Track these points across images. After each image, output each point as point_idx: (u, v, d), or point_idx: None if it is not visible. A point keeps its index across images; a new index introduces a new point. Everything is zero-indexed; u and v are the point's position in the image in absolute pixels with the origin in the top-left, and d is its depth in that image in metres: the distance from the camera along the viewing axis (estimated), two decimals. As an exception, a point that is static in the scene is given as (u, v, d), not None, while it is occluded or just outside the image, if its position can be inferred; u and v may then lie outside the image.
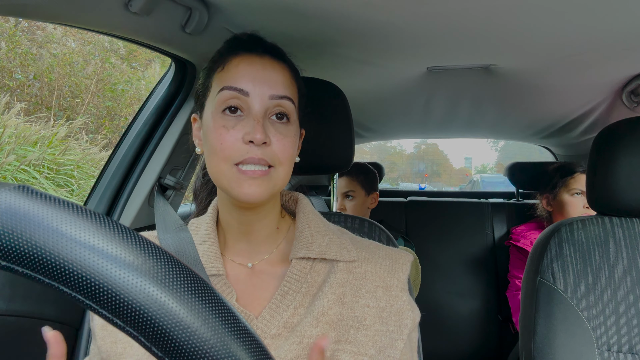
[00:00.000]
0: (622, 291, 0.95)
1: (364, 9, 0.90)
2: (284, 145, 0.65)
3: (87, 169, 4.15)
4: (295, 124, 0.69)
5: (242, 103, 0.64)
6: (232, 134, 0.63)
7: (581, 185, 1.67)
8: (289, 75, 0.69)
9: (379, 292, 0.67)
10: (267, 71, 0.66)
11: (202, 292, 0.26)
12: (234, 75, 0.65)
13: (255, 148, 0.62)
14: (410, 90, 1.55)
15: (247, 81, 0.64)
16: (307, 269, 0.69)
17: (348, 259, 0.69)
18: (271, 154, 0.63)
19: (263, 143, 0.62)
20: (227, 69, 0.67)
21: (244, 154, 0.62)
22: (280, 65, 0.68)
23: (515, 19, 0.93)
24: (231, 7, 0.93)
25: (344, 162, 0.97)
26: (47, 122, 4.58)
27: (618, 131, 1.01)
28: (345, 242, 0.72)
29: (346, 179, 1.76)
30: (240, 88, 0.64)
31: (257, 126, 0.62)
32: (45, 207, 0.25)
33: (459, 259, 2.18)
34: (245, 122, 0.64)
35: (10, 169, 3.37)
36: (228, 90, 0.64)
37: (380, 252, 0.73)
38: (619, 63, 1.20)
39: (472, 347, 2.12)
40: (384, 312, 0.66)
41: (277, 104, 0.65)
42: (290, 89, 0.68)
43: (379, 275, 0.69)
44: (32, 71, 5.44)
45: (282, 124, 0.66)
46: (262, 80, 0.65)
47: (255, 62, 0.66)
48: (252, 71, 0.65)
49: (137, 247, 0.26)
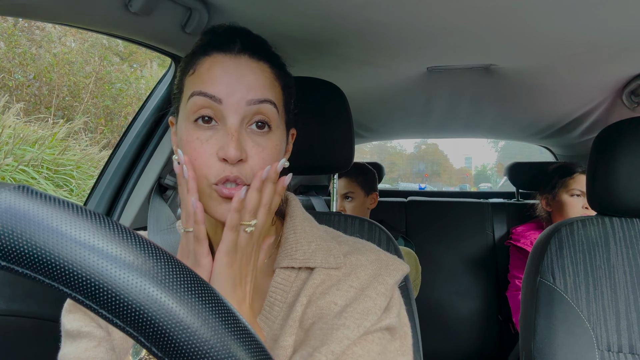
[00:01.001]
0: (623, 291, 0.95)
1: (364, 9, 0.90)
2: (262, 160, 0.58)
3: (86, 168, 4.15)
4: (279, 130, 0.62)
5: (216, 112, 0.58)
6: (206, 148, 0.57)
7: (581, 185, 1.67)
8: (271, 74, 0.62)
9: (351, 292, 0.62)
10: (244, 74, 0.59)
11: (202, 292, 0.26)
12: (205, 79, 0.59)
13: (230, 166, 0.56)
14: (410, 90, 1.55)
15: (221, 86, 0.58)
16: (292, 278, 0.64)
17: (334, 266, 0.65)
18: (247, 171, 0.57)
19: (239, 160, 0.56)
20: (199, 72, 0.60)
21: (219, 173, 0.56)
22: (259, 65, 0.61)
23: (515, 19, 0.93)
24: (231, 7, 0.93)
25: (344, 162, 0.97)
26: (46, 122, 4.58)
27: (618, 131, 1.01)
28: (332, 249, 0.67)
29: (345, 180, 1.76)
30: (212, 94, 0.57)
31: (231, 141, 0.56)
32: (45, 207, 0.25)
33: (459, 259, 2.18)
34: (220, 135, 0.57)
35: (8, 169, 3.37)
36: (199, 97, 0.58)
37: (369, 256, 0.68)
38: (619, 63, 1.20)
39: (472, 347, 2.12)
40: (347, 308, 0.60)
41: (256, 110, 0.58)
42: (272, 90, 0.61)
43: (358, 276, 0.64)
44: (32, 71, 5.44)
45: (262, 134, 0.59)
46: (237, 85, 0.58)
47: (229, 65, 0.59)
48: (226, 75, 0.58)
49: (137, 247, 0.26)
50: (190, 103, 0.58)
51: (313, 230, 0.69)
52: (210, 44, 0.62)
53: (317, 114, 0.94)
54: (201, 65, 0.60)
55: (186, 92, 0.61)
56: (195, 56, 0.62)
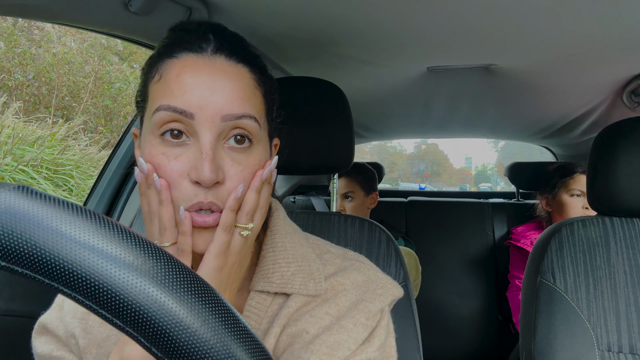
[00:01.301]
0: (623, 291, 0.95)
1: (364, 9, 0.90)
2: (243, 180, 0.50)
3: (85, 168, 4.15)
4: (261, 144, 0.53)
5: (187, 127, 0.49)
6: (175, 167, 0.49)
7: (581, 185, 1.67)
8: (251, 80, 0.53)
9: (326, 320, 0.55)
10: (219, 81, 0.50)
11: (202, 293, 0.26)
12: (174, 89, 0.49)
13: (204, 190, 0.48)
14: (410, 90, 1.55)
15: (191, 98, 0.48)
16: (267, 303, 0.58)
17: (312, 292, 0.57)
18: (225, 196, 0.49)
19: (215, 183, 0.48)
20: (165, 78, 0.50)
21: (191, 198, 0.48)
22: (238, 70, 0.52)
23: (515, 19, 0.92)
24: (231, 7, 0.93)
25: (344, 162, 0.97)
26: (45, 122, 4.58)
27: (618, 131, 1.01)
28: (314, 272, 0.59)
29: (345, 179, 1.76)
30: (181, 109, 0.48)
31: (205, 162, 0.47)
32: (44, 207, 0.25)
33: (459, 259, 2.18)
34: (192, 153, 0.49)
35: (8, 169, 3.37)
36: (166, 112, 0.48)
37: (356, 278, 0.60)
38: (619, 63, 1.20)
39: (472, 347, 2.12)
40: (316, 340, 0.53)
41: (234, 125, 0.50)
42: (252, 100, 0.52)
43: (337, 303, 0.57)
44: (31, 71, 5.44)
45: (242, 150, 0.51)
46: (212, 96, 0.49)
47: (202, 69, 0.50)
48: (199, 83, 0.49)
49: (136, 248, 0.26)
50: (156, 117, 0.49)
51: (295, 247, 0.61)
52: (178, 43, 0.52)
53: (317, 114, 0.94)
54: (168, 71, 0.51)
55: (151, 103, 0.51)
56: (161, 58, 0.52)
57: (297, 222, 0.96)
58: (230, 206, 0.49)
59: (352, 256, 0.64)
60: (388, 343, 0.59)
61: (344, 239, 0.95)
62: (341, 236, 0.95)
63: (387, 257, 0.92)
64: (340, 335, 0.54)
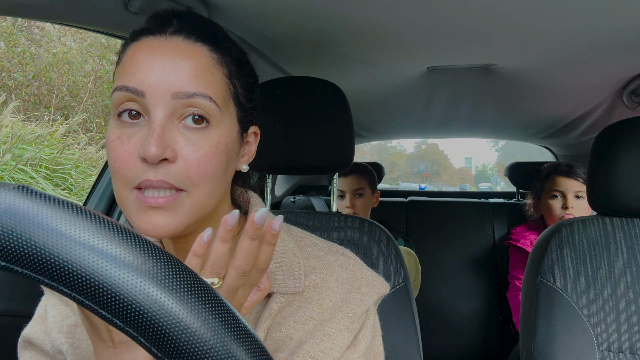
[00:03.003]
0: (623, 291, 0.95)
1: (364, 9, 0.90)
2: (197, 160, 0.48)
3: (84, 167, 4.15)
4: (222, 127, 0.51)
5: (141, 106, 0.49)
6: (127, 148, 0.48)
7: (557, 186, 1.70)
8: (209, 61, 0.51)
9: (310, 325, 0.53)
10: (171, 59, 0.49)
11: (202, 293, 0.26)
12: (127, 69, 0.49)
13: (152, 168, 0.47)
14: (410, 90, 1.55)
15: (142, 76, 0.48)
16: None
17: (292, 290, 0.55)
18: (177, 174, 0.48)
19: (163, 160, 0.47)
20: (123, 61, 0.51)
21: (139, 176, 0.47)
22: (194, 49, 0.51)
23: (515, 19, 0.92)
24: (231, 7, 0.93)
25: (344, 162, 0.97)
26: (45, 120, 4.58)
27: (618, 131, 1.01)
28: (294, 267, 0.57)
29: (355, 177, 1.77)
30: (132, 87, 0.48)
31: (151, 137, 0.46)
32: (44, 207, 0.25)
33: (459, 259, 2.18)
34: (143, 132, 0.49)
35: (7, 169, 3.37)
36: (120, 92, 0.49)
37: (340, 275, 0.58)
38: (619, 63, 1.20)
39: (472, 347, 2.12)
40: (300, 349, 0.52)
41: (187, 103, 0.49)
42: (208, 79, 0.50)
43: (321, 304, 0.55)
44: (31, 71, 5.44)
45: (198, 130, 0.49)
46: (162, 73, 0.48)
47: (156, 49, 0.50)
48: (150, 61, 0.49)
49: (136, 247, 0.26)
50: (113, 99, 0.50)
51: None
52: (143, 28, 0.52)
53: (317, 114, 0.94)
54: (125, 53, 0.51)
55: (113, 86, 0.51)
56: (126, 44, 0.53)
57: (297, 222, 0.97)
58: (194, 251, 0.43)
59: (337, 249, 0.62)
60: (375, 342, 0.58)
61: (344, 238, 0.95)
62: (341, 236, 0.95)
63: (387, 257, 0.92)
64: (324, 343, 0.52)
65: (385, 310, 0.63)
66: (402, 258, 0.93)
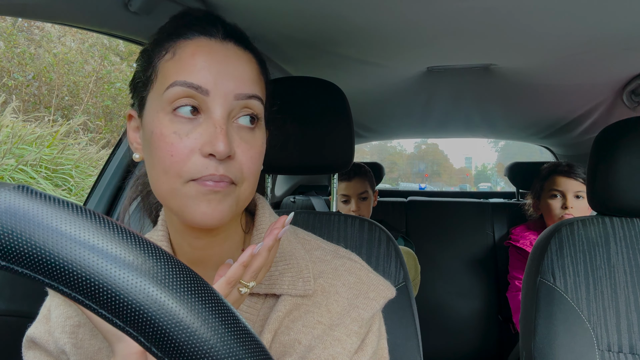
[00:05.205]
0: (623, 291, 0.95)
1: (364, 9, 0.90)
2: (250, 158, 0.52)
3: (85, 168, 4.15)
4: (262, 128, 0.56)
5: (200, 103, 0.51)
6: (187, 143, 0.49)
7: (557, 185, 1.70)
8: (257, 67, 0.56)
9: (318, 329, 0.55)
10: (232, 63, 0.52)
11: (202, 292, 0.26)
12: (189, 67, 0.51)
13: (215, 163, 0.49)
14: (410, 90, 1.55)
15: (207, 75, 0.50)
16: (258, 306, 0.58)
17: (301, 293, 0.56)
18: (235, 170, 0.51)
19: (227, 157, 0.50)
20: (179, 57, 0.52)
21: (201, 170, 0.49)
22: (246, 55, 0.55)
23: (515, 19, 0.92)
24: (231, 7, 0.93)
25: (344, 162, 0.97)
26: (46, 121, 4.58)
27: (618, 131, 1.01)
28: (303, 269, 0.58)
29: (359, 180, 1.75)
30: (197, 85, 0.50)
31: (220, 135, 0.49)
32: (44, 207, 0.25)
33: (459, 259, 2.18)
34: (203, 129, 0.50)
35: (7, 169, 3.37)
36: (181, 87, 0.50)
37: (347, 279, 0.59)
38: (619, 63, 1.20)
39: (472, 347, 2.12)
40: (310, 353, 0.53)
41: (245, 105, 0.52)
42: (259, 85, 0.55)
43: (329, 309, 0.56)
44: (31, 71, 5.44)
45: (249, 130, 0.53)
46: (226, 75, 0.51)
47: (216, 51, 0.52)
48: (214, 63, 0.51)
49: (136, 247, 0.26)
50: (170, 93, 0.50)
51: (282, 244, 0.60)
52: (189, 25, 0.54)
53: (317, 114, 0.94)
54: (182, 50, 0.52)
55: (162, 80, 0.52)
56: (172, 38, 0.54)
57: (297, 222, 0.97)
58: (244, 262, 0.47)
59: (343, 253, 0.63)
60: (380, 345, 0.59)
61: (344, 239, 0.95)
62: (341, 236, 0.95)
63: (387, 257, 0.92)
64: (334, 348, 0.53)
65: (385, 310, 0.63)
66: (402, 258, 0.93)
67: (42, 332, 0.60)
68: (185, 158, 0.49)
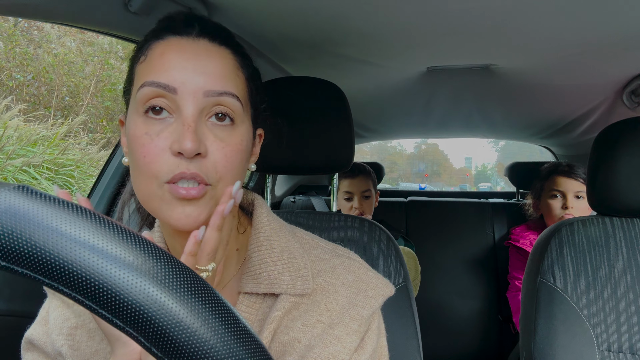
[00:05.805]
0: (623, 291, 0.95)
1: (364, 9, 0.90)
2: (225, 156, 0.51)
3: (85, 168, 4.15)
4: (244, 126, 0.54)
5: (170, 103, 0.50)
6: (157, 142, 0.49)
7: (557, 186, 1.70)
8: (233, 63, 0.54)
9: (318, 328, 0.54)
10: (202, 60, 0.51)
11: (202, 292, 0.26)
12: (158, 67, 0.51)
13: (186, 161, 0.49)
14: (410, 90, 1.55)
15: (175, 73, 0.50)
16: (257, 305, 0.57)
17: (300, 292, 0.56)
18: (207, 168, 0.50)
19: (197, 154, 0.49)
20: (150, 58, 0.52)
21: (173, 169, 0.49)
22: (220, 51, 0.53)
23: (515, 19, 0.92)
24: (231, 7, 0.93)
25: (344, 162, 0.97)
26: (46, 121, 4.58)
27: (618, 131, 1.01)
28: (302, 268, 0.58)
29: (363, 178, 1.75)
30: (165, 83, 0.50)
31: (187, 132, 0.48)
32: (44, 207, 0.25)
33: (459, 259, 2.18)
34: (174, 128, 0.50)
35: (11, 170, 3.38)
36: (150, 87, 0.50)
37: (346, 278, 0.59)
38: (619, 63, 1.20)
39: (472, 347, 2.12)
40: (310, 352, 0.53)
41: (216, 102, 0.51)
42: (234, 81, 0.53)
43: (328, 308, 0.56)
44: (31, 71, 5.44)
45: (224, 127, 0.52)
46: (194, 72, 0.50)
47: (186, 49, 0.52)
48: (181, 60, 0.51)
49: (136, 247, 0.26)
50: (140, 94, 0.50)
51: (281, 244, 0.60)
52: (164, 27, 0.54)
53: (317, 114, 0.94)
54: (153, 51, 0.53)
55: (136, 83, 0.53)
56: (147, 42, 0.54)
57: (297, 222, 0.97)
58: (190, 251, 0.46)
59: (342, 252, 0.63)
60: (380, 344, 0.59)
61: (344, 238, 0.95)
62: (341, 236, 0.95)
63: (387, 257, 0.92)
64: (334, 347, 0.53)
65: (385, 310, 0.63)
66: (402, 258, 0.93)
67: (40, 334, 0.60)
68: (156, 158, 0.49)
